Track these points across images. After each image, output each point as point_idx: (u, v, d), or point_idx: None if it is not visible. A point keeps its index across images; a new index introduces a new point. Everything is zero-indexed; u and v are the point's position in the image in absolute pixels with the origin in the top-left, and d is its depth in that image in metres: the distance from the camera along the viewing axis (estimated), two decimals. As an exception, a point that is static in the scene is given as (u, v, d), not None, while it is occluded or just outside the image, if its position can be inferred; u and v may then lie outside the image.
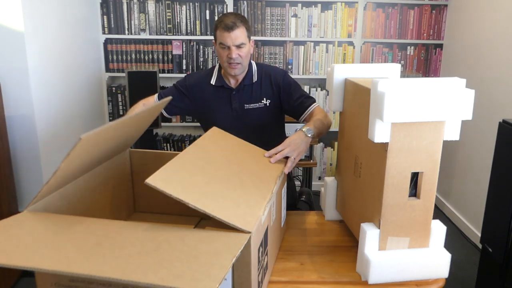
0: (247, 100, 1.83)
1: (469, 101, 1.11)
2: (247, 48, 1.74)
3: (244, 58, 1.74)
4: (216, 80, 1.83)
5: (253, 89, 1.83)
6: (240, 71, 1.78)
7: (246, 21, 1.75)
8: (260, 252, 1.07)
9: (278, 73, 1.85)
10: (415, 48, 3.55)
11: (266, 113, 1.85)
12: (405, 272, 1.22)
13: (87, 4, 3.19)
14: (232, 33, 1.67)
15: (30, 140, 2.45)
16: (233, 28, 1.67)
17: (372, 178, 1.26)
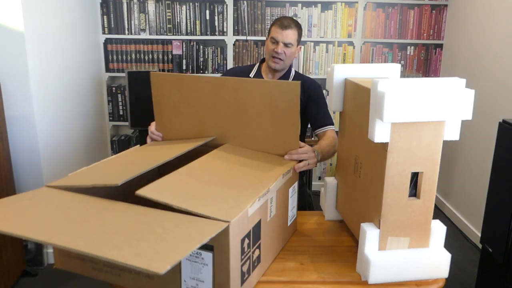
0: None
1: (469, 101, 1.11)
2: (293, 49, 1.91)
3: (288, 57, 1.90)
4: (255, 75, 2.00)
5: None
6: (281, 67, 1.93)
7: (300, 28, 1.95)
8: (246, 243, 1.10)
9: (313, 84, 1.97)
10: (415, 48, 3.55)
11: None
12: (405, 272, 1.22)
13: (87, 4, 3.19)
14: (285, 31, 1.87)
15: (30, 140, 2.45)
16: (287, 27, 1.87)
17: (372, 178, 1.26)
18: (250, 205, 1.10)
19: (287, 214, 1.44)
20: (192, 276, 1.08)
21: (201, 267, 1.06)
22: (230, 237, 1.00)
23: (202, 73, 3.49)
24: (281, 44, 1.89)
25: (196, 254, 1.05)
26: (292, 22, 1.90)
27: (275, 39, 1.89)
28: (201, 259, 1.05)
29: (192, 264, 1.07)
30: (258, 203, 1.16)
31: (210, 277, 1.05)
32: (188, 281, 1.09)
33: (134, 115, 3.06)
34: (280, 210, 1.35)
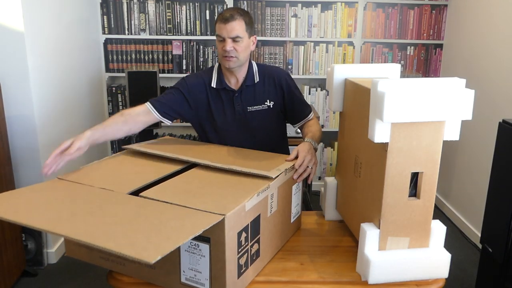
0: (250, 103, 1.77)
1: (469, 101, 1.11)
2: (244, 42, 1.68)
3: (241, 52, 1.68)
4: (217, 83, 1.76)
5: (255, 90, 1.77)
6: (235, 65, 1.70)
7: (247, 15, 1.69)
8: (244, 237, 1.14)
9: (282, 74, 1.81)
10: (415, 48, 3.55)
11: (269, 115, 1.80)
12: (405, 272, 1.22)
13: (87, 4, 3.19)
14: (228, 24, 1.64)
15: (30, 140, 2.45)
16: (229, 20, 1.63)
17: (372, 178, 1.26)
18: (247, 200, 1.14)
19: (290, 211, 1.46)
20: (191, 267, 1.12)
21: (199, 258, 1.10)
22: (226, 229, 1.04)
23: (202, 73, 3.49)
24: (228, 40, 1.65)
25: (194, 245, 1.09)
26: (235, 12, 1.66)
27: (220, 36, 1.66)
28: (199, 251, 1.09)
29: (191, 256, 1.11)
30: (257, 198, 1.20)
31: (207, 268, 1.10)
32: (186, 271, 1.13)
33: (134, 115, 3.06)
34: (282, 206, 1.37)
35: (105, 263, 1.26)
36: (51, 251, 2.62)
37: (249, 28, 1.70)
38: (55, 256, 2.64)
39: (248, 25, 1.69)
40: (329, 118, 3.61)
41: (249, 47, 1.72)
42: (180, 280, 1.15)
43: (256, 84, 1.77)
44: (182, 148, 1.60)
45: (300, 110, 1.82)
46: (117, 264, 1.24)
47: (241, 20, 1.66)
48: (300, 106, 1.82)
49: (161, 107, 1.71)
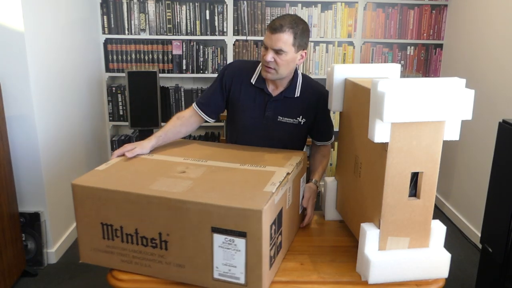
0: (282, 113, 1.70)
1: (469, 101, 1.11)
2: (288, 56, 1.56)
3: (282, 66, 1.57)
4: (256, 81, 1.69)
5: (292, 103, 1.69)
6: (274, 77, 1.62)
7: (299, 27, 1.56)
8: (273, 229, 1.19)
9: (322, 92, 1.70)
10: (415, 48, 3.55)
11: (296, 130, 1.73)
12: (405, 272, 1.22)
13: (87, 4, 3.19)
14: (274, 35, 1.53)
15: (30, 140, 2.45)
16: (277, 30, 1.52)
17: (372, 178, 1.26)
18: (276, 194, 1.19)
19: (299, 203, 1.52)
20: (225, 262, 1.14)
21: (234, 253, 1.12)
22: (263, 223, 1.08)
23: (202, 73, 3.49)
24: (270, 50, 1.55)
25: (229, 241, 1.12)
26: (286, 23, 1.53)
27: (265, 45, 1.58)
28: (234, 246, 1.12)
29: (225, 251, 1.13)
30: (282, 192, 1.25)
31: (242, 262, 1.12)
32: (220, 267, 1.15)
33: (134, 115, 3.06)
34: (294, 199, 1.43)
35: (128, 266, 1.26)
36: (51, 251, 2.62)
37: (298, 42, 1.57)
38: (55, 256, 2.64)
39: (298, 38, 1.56)
40: (329, 118, 3.61)
41: (293, 61, 1.61)
42: (213, 276, 1.16)
43: (296, 98, 1.69)
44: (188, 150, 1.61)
45: (324, 132, 1.78)
46: (141, 266, 1.25)
47: (290, 33, 1.54)
48: (327, 129, 1.78)
49: (207, 109, 1.74)
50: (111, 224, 1.24)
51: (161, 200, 1.17)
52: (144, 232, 1.22)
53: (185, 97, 3.50)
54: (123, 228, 1.23)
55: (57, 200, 2.67)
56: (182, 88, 3.50)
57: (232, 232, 1.10)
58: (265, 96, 1.70)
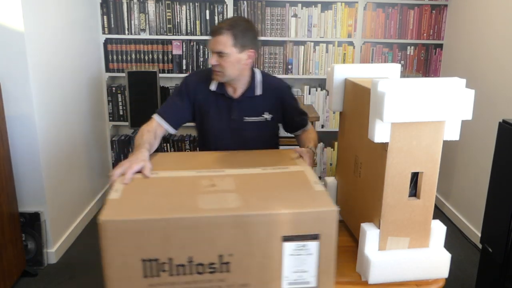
0: (247, 113, 1.73)
1: (469, 101, 1.11)
2: (231, 57, 1.58)
3: (227, 68, 1.59)
4: (218, 87, 1.71)
5: (256, 102, 1.73)
6: (223, 79, 1.65)
7: (240, 28, 1.57)
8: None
9: (283, 88, 1.78)
10: (415, 48, 3.55)
11: (265, 127, 1.77)
12: (405, 272, 1.22)
13: (87, 4, 3.19)
14: (213, 38, 1.58)
15: (30, 140, 2.45)
16: (215, 33, 1.57)
17: (372, 178, 1.26)
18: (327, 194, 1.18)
19: None
20: (295, 269, 1.09)
21: (305, 258, 1.09)
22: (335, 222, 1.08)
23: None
24: (213, 54, 1.59)
25: (301, 247, 1.08)
26: (225, 25, 1.55)
27: (209, 48, 1.62)
28: (306, 250, 1.08)
29: (295, 258, 1.09)
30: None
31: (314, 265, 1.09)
32: (290, 275, 1.10)
33: (134, 115, 3.06)
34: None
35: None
36: (51, 251, 2.62)
37: (239, 42, 1.57)
38: (55, 256, 2.64)
39: (239, 39, 1.57)
40: (329, 118, 3.61)
41: (239, 62, 1.61)
42: (282, 287, 1.10)
43: (257, 96, 1.73)
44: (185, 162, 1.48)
45: (298, 121, 1.82)
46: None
47: (229, 35, 1.55)
48: (298, 117, 1.82)
49: (172, 120, 1.70)
50: (156, 259, 1.05)
51: (224, 219, 1.05)
52: (200, 259, 1.06)
53: (185, 97, 3.50)
54: (173, 260, 1.06)
55: (57, 200, 2.67)
56: (182, 88, 3.50)
57: (304, 237, 1.07)
58: (227, 100, 1.72)
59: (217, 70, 1.61)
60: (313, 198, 1.13)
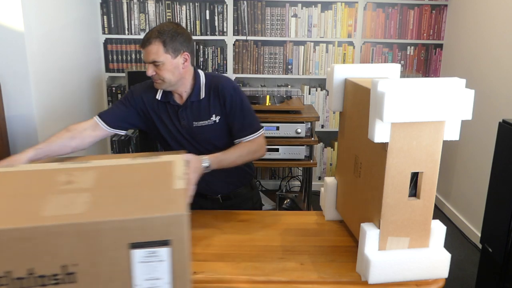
0: (195, 118, 1.67)
1: (469, 101, 1.11)
2: (167, 65, 1.54)
3: (165, 75, 1.56)
4: (162, 96, 1.67)
5: (201, 105, 1.66)
6: (166, 87, 1.61)
7: (168, 34, 1.53)
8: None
9: (226, 88, 1.65)
10: (415, 48, 3.55)
11: (216, 129, 1.69)
12: (405, 272, 1.22)
13: (87, 4, 3.19)
14: (144, 50, 1.54)
15: (30, 140, 2.45)
16: (145, 44, 1.53)
17: (372, 178, 1.26)
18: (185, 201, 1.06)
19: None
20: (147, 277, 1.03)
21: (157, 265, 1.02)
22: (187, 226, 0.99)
23: (202, 73, 3.49)
24: (148, 64, 1.56)
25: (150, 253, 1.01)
26: (152, 34, 1.53)
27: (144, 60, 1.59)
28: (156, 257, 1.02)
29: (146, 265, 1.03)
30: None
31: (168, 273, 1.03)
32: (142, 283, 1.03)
33: (134, 115, 3.06)
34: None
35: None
36: (51, 251, 2.62)
37: (171, 48, 1.54)
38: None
39: (170, 44, 1.53)
40: (329, 118, 3.61)
41: (177, 67, 1.57)
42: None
43: (202, 99, 1.66)
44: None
45: (236, 130, 1.66)
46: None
47: (158, 42, 1.52)
48: (238, 125, 1.66)
49: (111, 119, 1.65)
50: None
51: (65, 228, 0.96)
52: (42, 270, 0.98)
53: (185, 97, 3.50)
54: (11, 272, 0.97)
55: (57, 200, 2.67)
56: (182, 88, 3.50)
57: (154, 243, 0.99)
58: (173, 107, 1.68)
59: (157, 80, 1.59)
60: (167, 200, 1.03)
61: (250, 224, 1.58)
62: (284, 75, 3.52)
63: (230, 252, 1.40)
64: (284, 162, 2.99)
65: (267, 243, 1.47)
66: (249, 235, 1.52)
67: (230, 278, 1.28)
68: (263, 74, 3.52)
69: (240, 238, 1.47)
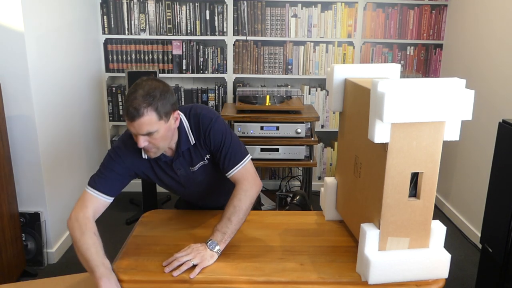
0: (191, 164, 1.58)
1: (469, 101, 1.11)
2: (161, 132, 1.39)
3: (160, 142, 1.42)
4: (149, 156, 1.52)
5: (193, 150, 1.56)
6: (159, 154, 1.48)
7: (157, 99, 1.35)
8: None
9: (205, 124, 1.53)
10: (415, 48, 3.55)
11: (211, 167, 1.61)
12: (405, 272, 1.22)
13: (87, 4, 3.19)
14: (134, 123, 1.34)
15: (30, 140, 2.45)
16: (135, 117, 1.33)
17: (372, 178, 1.26)
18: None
19: None
20: None
21: None
22: None
23: (202, 73, 3.49)
24: (139, 136, 1.38)
25: None
26: (140, 103, 1.33)
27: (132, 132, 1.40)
28: None
29: None
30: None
31: None
32: None
33: (134, 115, 3.06)
34: None
35: None
36: (51, 251, 2.62)
37: (163, 113, 1.37)
38: (55, 256, 2.64)
39: (161, 109, 1.36)
40: (329, 118, 3.61)
41: (170, 130, 1.44)
42: None
43: (192, 145, 1.55)
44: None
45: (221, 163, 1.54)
46: None
47: (151, 112, 1.34)
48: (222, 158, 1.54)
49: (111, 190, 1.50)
50: None
51: None
52: None
53: (185, 97, 3.50)
54: None
55: (57, 200, 2.67)
56: (182, 88, 3.50)
57: None
58: (166, 162, 1.57)
59: (150, 149, 1.44)
60: None
61: (250, 224, 1.58)
62: (284, 75, 3.52)
63: (230, 252, 1.40)
64: (284, 162, 2.99)
65: (267, 243, 1.47)
66: (249, 235, 1.52)
67: (230, 278, 1.29)
68: (263, 74, 3.52)
69: (240, 238, 1.48)
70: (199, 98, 3.52)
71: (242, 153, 1.55)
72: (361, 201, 1.36)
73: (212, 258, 1.36)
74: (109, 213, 1.65)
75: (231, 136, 1.56)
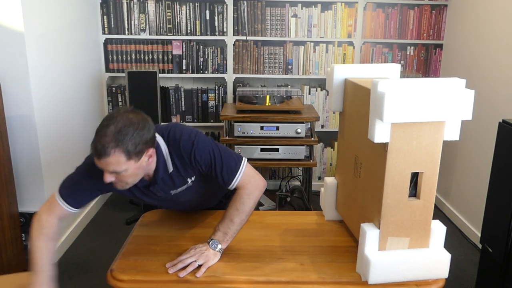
0: (171, 187, 1.50)
1: (469, 101, 1.11)
2: (130, 171, 1.30)
3: (129, 179, 1.34)
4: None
5: (173, 176, 1.47)
6: (129, 187, 1.40)
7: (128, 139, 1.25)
8: None
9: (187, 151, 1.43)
10: (415, 48, 3.55)
11: (196, 188, 1.54)
12: (405, 272, 1.22)
13: (87, 4, 3.19)
14: (101, 161, 1.27)
15: (30, 140, 2.45)
16: (102, 156, 1.25)
17: (372, 178, 1.26)
18: None
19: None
20: None
21: None
22: None
23: (202, 73, 3.49)
24: (106, 173, 1.30)
25: None
26: (109, 141, 1.24)
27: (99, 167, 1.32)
28: None
29: None
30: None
31: None
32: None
33: (134, 115, 3.05)
34: None
35: None
36: (51, 251, 2.62)
37: (133, 153, 1.28)
38: (55, 256, 2.64)
39: (132, 150, 1.27)
40: (329, 118, 3.61)
41: (141, 168, 1.34)
42: None
43: (171, 172, 1.46)
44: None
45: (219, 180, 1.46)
46: None
47: (119, 153, 1.25)
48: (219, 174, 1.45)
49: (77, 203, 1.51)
50: None
51: None
52: None
53: (185, 97, 3.50)
54: None
55: (57, 200, 2.67)
56: (182, 88, 3.50)
57: None
58: (144, 186, 1.48)
59: (117, 183, 1.36)
60: None
61: (250, 224, 1.58)
62: (284, 75, 3.52)
63: (230, 252, 1.40)
64: (284, 162, 2.99)
65: (267, 243, 1.47)
66: (248, 235, 1.52)
67: (230, 278, 1.29)
68: (263, 74, 3.52)
69: (240, 238, 1.47)
70: (199, 98, 3.52)
71: (236, 161, 1.46)
72: (361, 201, 1.36)
73: (215, 257, 1.36)
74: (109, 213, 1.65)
75: (219, 149, 1.46)
